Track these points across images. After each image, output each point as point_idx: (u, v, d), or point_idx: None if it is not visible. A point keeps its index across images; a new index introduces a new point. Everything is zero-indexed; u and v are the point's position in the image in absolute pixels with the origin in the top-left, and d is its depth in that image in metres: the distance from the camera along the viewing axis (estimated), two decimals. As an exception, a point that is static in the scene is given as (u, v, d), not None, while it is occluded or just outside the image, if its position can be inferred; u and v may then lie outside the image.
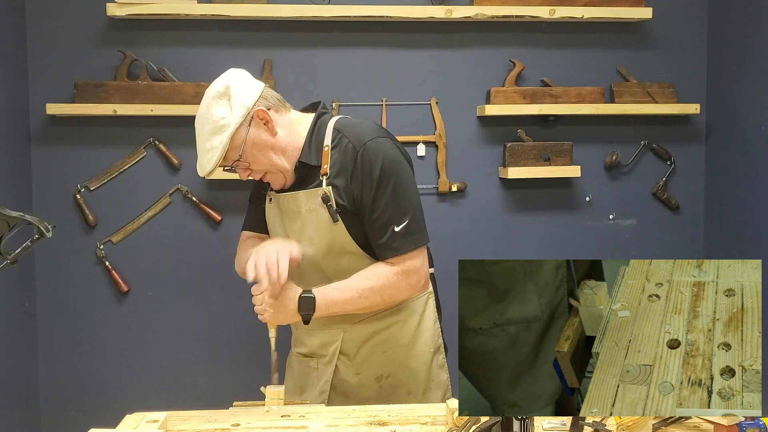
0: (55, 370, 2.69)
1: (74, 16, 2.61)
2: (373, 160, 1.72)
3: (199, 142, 1.73)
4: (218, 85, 1.74)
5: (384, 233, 1.73)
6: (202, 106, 1.73)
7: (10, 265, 1.38)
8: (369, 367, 1.87)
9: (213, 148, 1.70)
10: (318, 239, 1.78)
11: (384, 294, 1.76)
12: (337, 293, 1.74)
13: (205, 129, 1.71)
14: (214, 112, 1.71)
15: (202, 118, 1.72)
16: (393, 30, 2.74)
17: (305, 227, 1.79)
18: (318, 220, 1.77)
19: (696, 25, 2.86)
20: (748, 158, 2.64)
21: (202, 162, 1.73)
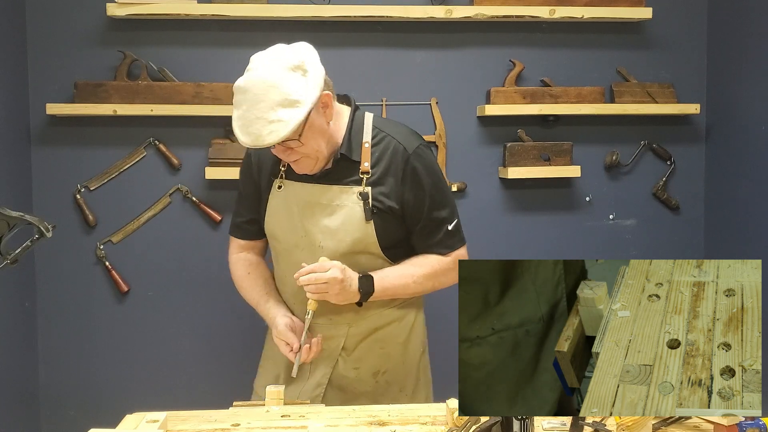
0: (55, 370, 2.69)
1: (74, 16, 2.61)
2: (426, 166, 1.83)
3: (256, 109, 1.63)
4: (291, 56, 1.67)
5: (439, 232, 1.86)
6: (267, 72, 1.64)
7: (10, 265, 1.38)
8: (367, 362, 1.90)
9: (281, 121, 1.63)
10: (343, 234, 1.80)
11: (433, 282, 1.88)
12: (394, 278, 1.83)
13: (271, 97, 1.63)
14: (288, 83, 1.64)
15: (267, 85, 1.63)
16: (393, 30, 2.74)
17: (331, 220, 1.80)
18: (349, 216, 1.79)
19: (696, 25, 2.86)
20: (748, 158, 2.64)
21: (260, 132, 1.63)
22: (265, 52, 1.71)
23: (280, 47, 1.72)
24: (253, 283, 1.95)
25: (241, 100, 1.67)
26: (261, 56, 1.71)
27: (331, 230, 1.80)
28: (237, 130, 1.68)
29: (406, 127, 1.89)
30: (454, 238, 1.87)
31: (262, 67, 1.67)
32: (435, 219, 1.84)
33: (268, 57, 1.69)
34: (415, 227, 1.85)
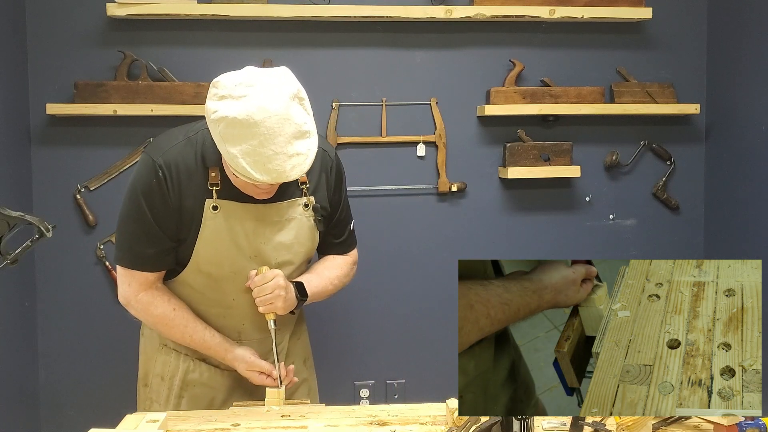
0: (55, 370, 2.69)
1: (74, 16, 2.61)
2: (341, 168, 1.90)
3: (274, 144, 1.51)
4: (287, 84, 1.56)
5: (344, 231, 1.94)
6: (275, 103, 1.51)
7: (10, 265, 1.38)
8: (298, 353, 1.97)
9: (299, 154, 1.55)
10: (298, 247, 1.80)
11: (343, 281, 1.94)
12: (316, 282, 1.85)
13: (286, 130, 1.52)
14: (296, 114, 1.55)
15: (280, 118, 1.51)
16: (393, 30, 2.74)
17: (283, 235, 1.77)
18: (300, 228, 1.79)
19: (696, 25, 2.86)
20: (748, 158, 2.64)
21: (282, 168, 1.53)
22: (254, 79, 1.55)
23: (266, 73, 1.57)
24: (186, 320, 1.77)
25: (247, 135, 1.50)
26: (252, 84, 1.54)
27: (286, 245, 1.78)
28: (248, 168, 1.52)
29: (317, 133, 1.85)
30: (352, 238, 1.98)
31: (266, 97, 1.52)
32: (344, 220, 1.92)
33: (264, 85, 1.54)
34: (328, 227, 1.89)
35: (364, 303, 2.80)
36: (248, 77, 1.55)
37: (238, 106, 1.51)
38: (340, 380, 2.80)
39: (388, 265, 2.79)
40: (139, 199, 1.68)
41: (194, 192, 1.68)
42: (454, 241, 2.80)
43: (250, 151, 1.51)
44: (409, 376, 2.83)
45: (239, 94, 1.52)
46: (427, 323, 2.82)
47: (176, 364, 1.85)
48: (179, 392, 1.84)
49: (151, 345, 1.90)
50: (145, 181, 1.69)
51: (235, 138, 1.51)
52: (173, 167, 1.67)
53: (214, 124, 1.54)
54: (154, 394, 1.87)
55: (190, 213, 1.69)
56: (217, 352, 1.80)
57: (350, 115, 2.74)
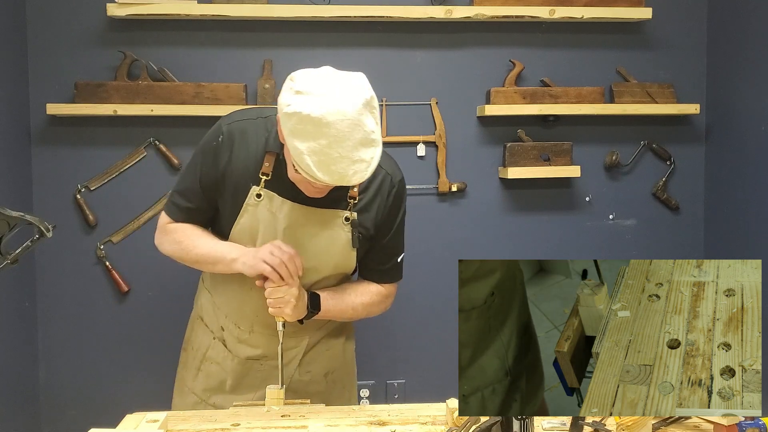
0: (55, 370, 2.69)
1: (74, 16, 2.61)
2: (403, 198, 1.85)
3: (341, 147, 1.51)
4: (363, 90, 1.56)
5: (390, 261, 1.88)
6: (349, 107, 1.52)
7: (10, 265, 1.38)
8: (318, 364, 1.93)
9: (363, 161, 1.55)
10: (326, 257, 1.78)
11: (368, 311, 1.90)
12: (333, 302, 1.82)
13: (355, 136, 1.52)
14: (366, 121, 1.54)
15: (351, 122, 1.51)
16: (393, 30, 2.74)
17: (315, 242, 1.76)
18: (333, 240, 1.77)
19: (696, 25, 2.86)
20: (748, 158, 2.64)
21: (345, 172, 1.54)
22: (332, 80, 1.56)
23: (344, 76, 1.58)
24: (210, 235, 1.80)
25: (318, 134, 1.50)
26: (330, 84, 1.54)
27: (315, 252, 1.77)
28: (312, 166, 1.52)
29: (391, 158, 1.87)
30: (398, 272, 1.92)
31: (342, 100, 1.52)
32: (392, 248, 1.87)
33: (342, 88, 1.54)
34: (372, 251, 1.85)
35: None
36: (326, 77, 1.56)
37: (313, 103, 1.51)
38: (340, 380, 2.80)
39: (388, 265, 2.79)
40: (197, 155, 1.77)
41: (247, 171, 1.72)
42: (454, 241, 2.80)
43: (318, 150, 1.51)
44: (409, 376, 2.83)
45: (315, 92, 1.53)
46: (427, 323, 2.82)
47: (203, 338, 1.91)
48: (199, 364, 1.92)
49: (194, 313, 1.98)
50: (207, 141, 1.77)
51: (305, 135, 1.51)
52: (235, 136, 1.73)
53: (286, 118, 1.54)
54: (186, 359, 1.98)
55: (236, 190, 1.73)
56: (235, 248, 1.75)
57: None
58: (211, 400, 1.89)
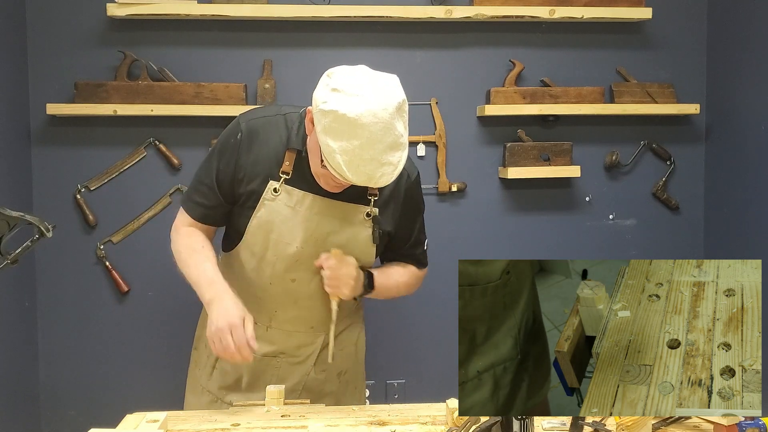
0: (55, 370, 2.69)
1: (74, 16, 2.61)
2: (420, 193, 1.92)
3: (372, 149, 1.54)
4: (396, 93, 1.59)
5: (418, 248, 1.95)
6: (383, 111, 1.54)
7: (10, 265, 1.38)
8: (333, 364, 1.91)
9: (390, 164, 1.57)
10: (349, 252, 1.79)
11: (407, 290, 1.96)
12: (383, 279, 1.87)
13: (386, 139, 1.55)
14: (398, 125, 1.57)
15: (384, 126, 1.54)
16: (393, 30, 2.74)
17: (337, 237, 1.77)
18: (354, 236, 1.79)
19: (696, 25, 2.86)
20: (748, 158, 2.64)
21: (373, 174, 1.56)
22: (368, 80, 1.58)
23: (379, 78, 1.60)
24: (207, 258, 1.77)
25: (351, 134, 1.52)
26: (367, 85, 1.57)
27: (338, 246, 1.78)
28: (342, 165, 1.54)
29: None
30: (426, 258, 1.99)
31: (377, 102, 1.54)
32: (419, 239, 1.94)
33: (377, 89, 1.56)
34: (402, 247, 1.92)
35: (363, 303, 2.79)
36: (363, 77, 1.58)
37: (350, 103, 1.53)
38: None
39: (388, 265, 2.79)
40: (215, 152, 1.78)
41: (265, 168, 1.74)
42: (454, 241, 2.80)
43: (349, 150, 1.53)
44: (409, 376, 2.83)
45: (352, 92, 1.54)
46: (427, 323, 2.82)
47: None
48: (214, 362, 1.90)
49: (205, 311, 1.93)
50: (225, 138, 1.78)
51: (339, 134, 1.53)
52: (253, 134, 1.74)
53: (322, 115, 1.55)
54: (198, 357, 1.97)
55: (254, 186, 1.74)
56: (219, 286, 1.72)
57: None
58: (228, 398, 1.88)
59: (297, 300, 1.83)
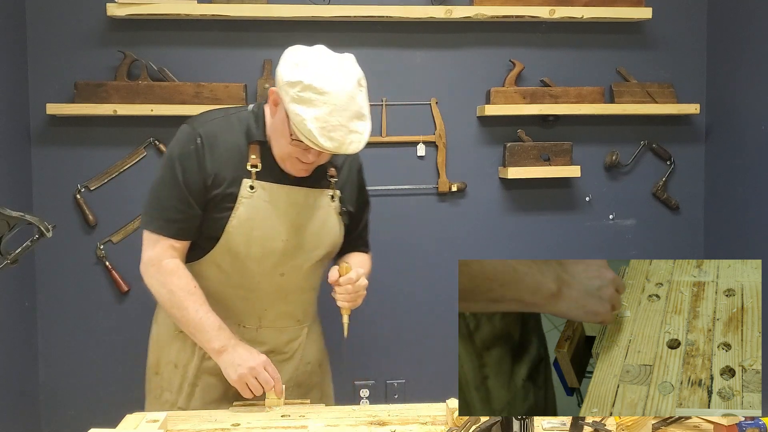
0: (55, 370, 2.69)
1: (74, 16, 2.61)
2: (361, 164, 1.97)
3: (340, 116, 1.61)
4: (356, 69, 1.69)
5: (366, 231, 2.02)
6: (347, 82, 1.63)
7: (10, 265, 1.38)
8: (313, 355, 1.97)
9: (357, 132, 1.65)
10: (324, 236, 1.84)
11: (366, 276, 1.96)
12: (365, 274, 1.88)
13: (351, 108, 1.63)
14: (360, 97, 1.66)
15: (348, 95, 1.63)
16: (393, 30, 2.74)
17: (313, 223, 1.81)
18: (326, 219, 1.83)
19: (696, 25, 2.86)
20: (748, 158, 2.64)
21: (343, 140, 1.63)
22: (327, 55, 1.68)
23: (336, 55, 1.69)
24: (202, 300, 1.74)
25: (318, 101, 1.60)
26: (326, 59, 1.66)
27: (315, 232, 1.82)
28: (315, 132, 1.60)
29: None
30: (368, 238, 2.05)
31: (338, 73, 1.64)
32: (367, 221, 2.02)
33: (340, 65, 1.66)
34: (356, 229, 1.96)
35: (363, 303, 2.79)
36: (321, 52, 1.68)
37: (314, 73, 1.61)
38: (340, 380, 2.79)
39: (388, 265, 2.79)
40: (174, 164, 1.73)
41: (231, 166, 1.74)
42: (454, 241, 2.80)
43: (320, 117, 1.60)
44: (409, 376, 2.83)
45: (314, 64, 1.64)
46: (427, 323, 2.82)
47: (191, 351, 1.84)
48: (193, 380, 1.84)
49: (166, 332, 1.89)
50: (182, 147, 1.75)
51: (308, 102, 1.60)
52: (212, 137, 1.75)
53: (288, 86, 1.62)
54: (165, 383, 1.87)
55: (224, 187, 1.73)
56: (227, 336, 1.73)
57: (350, 115, 2.74)
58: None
59: (287, 295, 1.85)
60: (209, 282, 1.80)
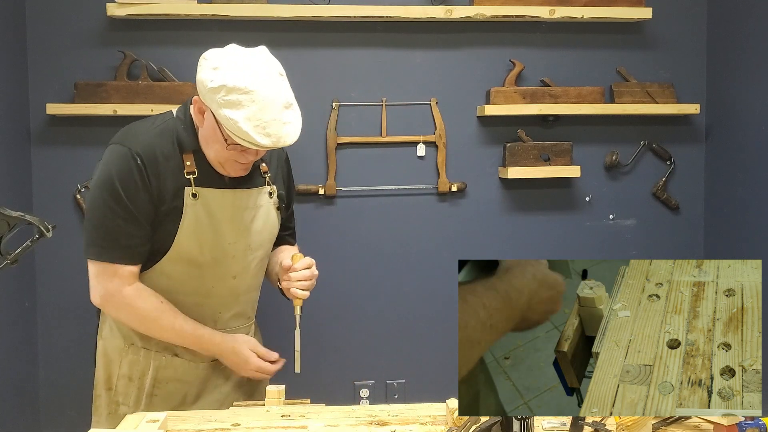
0: (55, 370, 2.69)
1: (74, 16, 2.61)
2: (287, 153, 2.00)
3: (270, 110, 1.60)
4: (274, 63, 1.69)
5: (291, 216, 2.05)
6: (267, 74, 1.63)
7: (10, 265, 1.38)
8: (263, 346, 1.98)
9: (290, 123, 1.65)
10: (267, 233, 1.88)
11: None
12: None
13: (279, 99, 1.63)
14: (284, 86, 1.67)
15: (274, 87, 1.63)
16: (393, 30, 2.74)
17: (255, 223, 1.83)
18: (267, 216, 1.86)
19: (696, 25, 2.86)
20: (748, 158, 2.64)
21: (279, 133, 1.62)
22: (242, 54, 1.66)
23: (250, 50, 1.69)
24: (174, 312, 1.76)
25: (246, 100, 1.59)
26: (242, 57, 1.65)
27: (258, 231, 1.84)
28: (251, 132, 1.59)
29: None
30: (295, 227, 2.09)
31: (258, 69, 1.63)
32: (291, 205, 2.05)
33: (253, 59, 1.65)
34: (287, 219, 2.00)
35: (364, 303, 2.80)
36: (236, 52, 1.67)
37: (235, 74, 1.60)
38: (340, 380, 2.80)
39: (388, 265, 2.79)
40: (117, 189, 1.68)
41: (171, 179, 1.72)
42: (454, 241, 2.80)
43: (251, 116, 1.59)
44: (409, 376, 2.83)
45: (232, 65, 1.62)
46: (427, 323, 2.82)
47: (146, 363, 1.83)
48: (151, 390, 1.83)
49: (114, 346, 1.87)
50: (121, 171, 1.69)
51: (236, 104, 1.59)
52: (150, 154, 1.70)
53: (213, 92, 1.61)
54: (120, 397, 1.86)
55: (168, 200, 1.71)
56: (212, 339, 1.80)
57: (350, 115, 2.74)
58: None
59: (239, 296, 1.87)
60: (159, 292, 1.78)
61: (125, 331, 1.84)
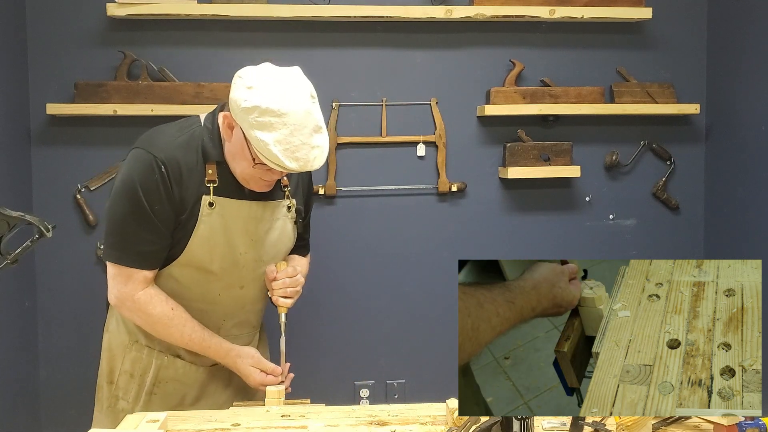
0: (55, 370, 2.69)
1: (74, 16, 2.61)
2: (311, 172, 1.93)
3: (300, 134, 1.61)
4: (305, 82, 1.68)
5: (307, 227, 2.03)
6: (300, 98, 1.63)
7: (10, 265, 1.38)
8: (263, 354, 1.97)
9: (318, 147, 1.66)
10: (281, 246, 1.87)
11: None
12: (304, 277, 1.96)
13: (309, 123, 1.63)
14: (315, 109, 1.66)
15: (305, 110, 1.62)
16: (393, 30, 2.74)
17: (271, 235, 1.84)
18: (283, 229, 1.86)
19: (696, 25, 2.86)
20: (748, 158, 2.64)
21: (307, 157, 1.63)
22: (276, 74, 1.65)
23: (285, 71, 1.67)
24: (184, 319, 1.78)
25: (278, 123, 1.59)
26: (276, 78, 1.64)
27: (273, 243, 1.85)
28: (280, 155, 1.60)
29: None
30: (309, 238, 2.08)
31: (291, 91, 1.62)
32: (309, 219, 2.04)
33: (287, 81, 1.64)
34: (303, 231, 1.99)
35: (364, 303, 2.80)
36: (271, 72, 1.66)
37: (269, 96, 1.60)
38: (340, 380, 2.80)
39: (388, 265, 2.79)
40: (138, 196, 1.68)
41: (193, 187, 1.72)
42: (454, 241, 2.80)
43: (282, 139, 1.60)
44: (409, 376, 2.83)
45: (266, 86, 1.61)
46: (427, 323, 2.82)
47: (148, 361, 1.85)
48: (151, 389, 1.85)
49: (119, 341, 1.89)
50: (144, 177, 1.69)
51: (267, 126, 1.60)
52: (174, 163, 1.70)
53: (246, 113, 1.61)
54: (120, 392, 1.88)
55: (188, 208, 1.71)
56: (218, 350, 1.82)
57: (350, 115, 2.74)
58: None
59: (245, 305, 1.88)
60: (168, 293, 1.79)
61: (131, 327, 1.86)
